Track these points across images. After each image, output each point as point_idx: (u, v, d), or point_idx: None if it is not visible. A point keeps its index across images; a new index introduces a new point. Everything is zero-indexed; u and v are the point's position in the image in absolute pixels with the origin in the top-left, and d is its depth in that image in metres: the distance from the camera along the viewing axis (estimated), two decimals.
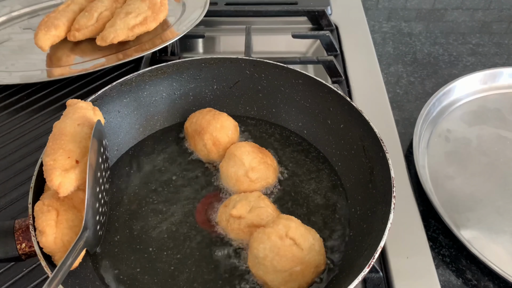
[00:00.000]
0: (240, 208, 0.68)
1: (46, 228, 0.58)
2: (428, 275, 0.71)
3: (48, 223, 0.58)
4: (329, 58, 1.04)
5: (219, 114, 0.82)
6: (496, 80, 1.04)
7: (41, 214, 0.59)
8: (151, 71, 0.84)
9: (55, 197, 0.61)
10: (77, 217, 0.62)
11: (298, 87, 0.84)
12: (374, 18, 1.32)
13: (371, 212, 0.68)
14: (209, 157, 0.81)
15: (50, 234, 0.58)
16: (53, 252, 0.59)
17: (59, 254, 0.59)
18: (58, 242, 0.59)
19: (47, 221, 0.58)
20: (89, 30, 1.08)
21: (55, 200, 0.61)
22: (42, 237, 0.58)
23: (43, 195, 0.64)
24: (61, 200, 0.62)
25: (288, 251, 0.61)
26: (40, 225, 0.58)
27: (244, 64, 0.86)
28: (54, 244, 0.58)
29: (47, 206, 0.60)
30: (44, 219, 0.59)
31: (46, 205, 0.60)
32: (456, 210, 0.81)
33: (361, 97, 1.01)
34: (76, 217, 0.62)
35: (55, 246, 0.58)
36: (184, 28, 1.08)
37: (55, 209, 0.60)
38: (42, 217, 0.59)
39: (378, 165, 0.70)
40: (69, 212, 0.61)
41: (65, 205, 0.62)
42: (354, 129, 0.77)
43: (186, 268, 0.67)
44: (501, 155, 0.91)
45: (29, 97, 1.03)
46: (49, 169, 0.60)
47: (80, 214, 0.62)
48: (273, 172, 0.77)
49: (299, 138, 0.86)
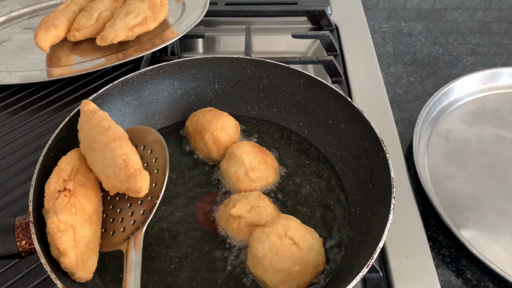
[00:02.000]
0: (240, 207, 0.68)
1: (68, 249, 0.58)
2: (428, 275, 0.71)
3: (69, 244, 0.58)
4: (329, 58, 1.04)
5: (220, 114, 0.82)
6: (496, 80, 1.04)
7: (59, 233, 0.58)
8: (153, 70, 0.84)
9: (67, 209, 0.60)
10: (90, 232, 0.61)
11: (299, 87, 0.84)
12: (374, 18, 1.32)
13: (370, 212, 0.68)
14: (209, 156, 0.81)
15: (72, 255, 0.58)
16: (74, 272, 0.59)
17: (80, 273, 0.59)
18: (79, 262, 0.59)
19: (67, 242, 0.58)
20: (89, 30, 1.08)
21: (68, 214, 0.60)
22: (65, 258, 0.58)
23: (49, 203, 0.62)
24: (74, 213, 0.60)
25: (287, 251, 0.61)
26: (61, 246, 0.58)
27: (245, 64, 0.86)
28: (76, 264, 0.58)
29: (63, 223, 0.59)
30: (64, 239, 0.58)
31: (62, 222, 0.59)
32: (456, 210, 0.82)
33: (361, 97, 1.01)
34: (90, 232, 0.61)
35: (76, 266, 0.59)
36: (184, 28, 1.08)
37: (71, 226, 0.59)
38: (62, 237, 0.58)
39: (378, 165, 0.70)
40: (83, 227, 0.60)
41: (78, 219, 0.61)
42: (354, 129, 0.77)
43: (186, 267, 0.68)
44: (501, 155, 0.91)
45: (29, 97, 1.03)
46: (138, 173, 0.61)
47: (93, 228, 0.62)
48: (273, 172, 0.77)
49: (299, 138, 0.86)
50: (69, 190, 0.62)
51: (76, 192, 0.62)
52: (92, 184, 0.65)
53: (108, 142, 0.64)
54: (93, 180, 0.66)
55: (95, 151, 0.65)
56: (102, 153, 0.64)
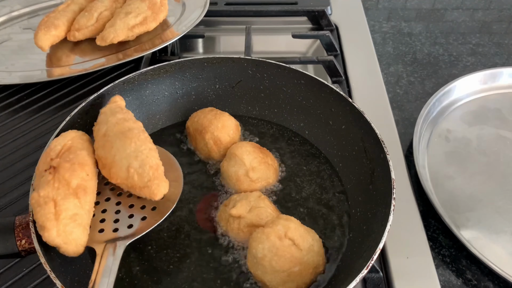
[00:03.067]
0: (240, 207, 0.68)
1: (46, 222, 0.57)
2: (428, 275, 0.71)
3: (47, 217, 0.57)
4: (329, 58, 1.04)
5: (221, 114, 0.82)
6: (496, 80, 1.05)
7: (39, 207, 0.58)
8: (154, 70, 0.84)
9: (50, 185, 0.59)
10: (75, 204, 0.60)
11: (300, 88, 0.84)
12: (374, 18, 1.32)
13: (371, 213, 0.68)
14: (210, 156, 0.81)
15: (51, 228, 0.57)
16: (58, 245, 0.58)
17: (64, 246, 0.58)
18: (61, 234, 0.57)
19: (46, 215, 0.57)
20: (89, 30, 1.08)
21: (50, 188, 0.59)
22: (44, 232, 0.57)
23: (36, 182, 0.62)
24: (56, 188, 0.59)
25: (287, 252, 0.61)
26: (39, 219, 0.57)
27: (246, 64, 0.86)
28: (58, 237, 0.57)
29: (43, 197, 0.58)
30: (43, 213, 0.57)
31: (42, 197, 0.58)
32: (456, 210, 0.82)
33: (361, 97, 1.01)
34: (75, 205, 0.60)
35: (59, 239, 0.57)
36: (184, 28, 1.08)
37: (52, 199, 0.58)
38: (40, 211, 0.57)
39: (378, 166, 0.70)
40: (66, 200, 0.59)
41: (61, 193, 0.59)
42: (355, 130, 0.77)
43: (185, 267, 0.68)
44: (501, 155, 0.92)
45: (29, 97, 1.03)
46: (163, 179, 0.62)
47: (78, 201, 0.60)
48: (273, 172, 0.77)
49: (300, 138, 0.86)
50: (53, 167, 0.61)
51: (60, 167, 0.61)
52: (80, 160, 0.64)
53: (139, 135, 0.65)
54: (83, 157, 0.65)
55: (119, 139, 0.65)
56: (131, 143, 0.64)
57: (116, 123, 0.68)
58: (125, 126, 0.67)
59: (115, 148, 0.65)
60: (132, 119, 0.70)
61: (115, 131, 0.67)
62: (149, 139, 0.67)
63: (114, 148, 0.65)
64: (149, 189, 0.61)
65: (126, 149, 0.64)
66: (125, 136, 0.65)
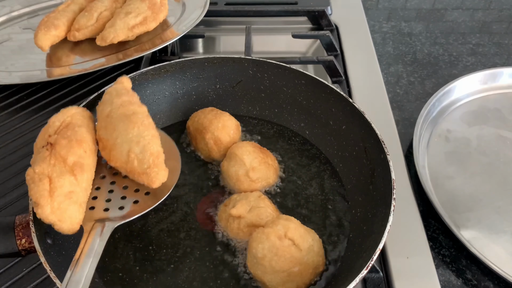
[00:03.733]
0: (240, 207, 0.68)
1: (40, 199, 0.56)
2: (428, 275, 0.71)
3: (41, 193, 0.56)
4: (329, 58, 1.04)
5: (221, 114, 0.82)
6: (496, 80, 1.05)
7: (33, 184, 0.57)
8: (154, 70, 0.84)
9: (46, 162, 0.58)
10: (70, 182, 0.59)
11: (300, 88, 0.84)
12: (374, 18, 1.32)
13: (371, 213, 0.68)
14: (210, 156, 0.81)
15: (45, 205, 0.56)
16: (52, 222, 0.57)
17: (59, 224, 0.57)
18: (56, 211, 0.57)
19: (40, 192, 0.56)
20: (89, 30, 1.08)
21: (46, 165, 0.58)
22: (38, 208, 0.56)
23: (33, 159, 0.61)
24: (52, 164, 0.58)
25: (287, 252, 0.61)
26: (34, 196, 0.56)
27: (247, 64, 0.86)
28: (52, 214, 0.56)
29: (38, 174, 0.57)
30: (37, 190, 0.56)
31: (37, 174, 0.57)
32: (456, 210, 0.82)
33: (361, 97, 1.01)
34: (71, 183, 0.59)
35: (53, 216, 0.56)
36: (184, 28, 1.08)
37: (47, 176, 0.57)
38: (34, 187, 0.56)
39: (379, 167, 0.70)
40: (62, 177, 0.58)
41: (56, 170, 0.58)
42: (355, 130, 0.77)
43: (186, 266, 0.68)
44: (501, 155, 0.92)
45: (29, 97, 1.03)
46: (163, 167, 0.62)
47: (74, 178, 0.60)
48: (273, 172, 0.77)
49: (300, 138, 0.86)
50: (50, 144, 0.60)
51: (57, 144, 0.61)
52: (78, 137, 0.63)
53: (143, 120, 0.65)
54: (81, 134, 0.64)
55: (122, 122, 0.64)
56: (134, 127, 0.63)
57: (120, 105, 0.67)
58: (129, 109, 0.66)
59: (117, 131, 0.64)
60: (137, 102, 0.69)
61: (119, 113, 0.66)
62: (153, 125, 0.66)
63: (116, 130, 0.64)
64: (148, 176, 0.61)
65: (128, 133, 0.63)
66: (129, 120, 0.64)
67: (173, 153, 0.71)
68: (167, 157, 0.64)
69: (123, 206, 0.63)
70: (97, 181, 0.66)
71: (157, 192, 0.64)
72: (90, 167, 0.64)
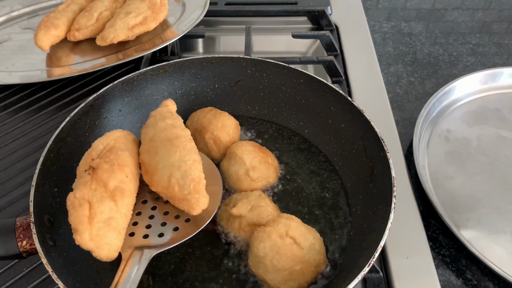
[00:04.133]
0: (241, 207, 0.68)
1: (78, 225, 0.55)
2: (428, 275, 0.71)
3: (80, 219, 0.55)
4: (329, 58, 1.04)
5: (220, 113, 0.82)
6: (496, 80, 1.05)
7: (73, 209, 0.56)
8: (153, 70, 0.84)
9: (87, 186, 0.58)
10: (111, 208, 0.58)
11: (299, 87, 0.84)
12: (374, 18, 1.32)
13: (371, 211, 0.68)
14: (210, 156, 0.81)
15: (84, 231, 0.55)
16: (91, 249, 0.56)
17: (97, 251, 0.56)
18: (94, 238, 0.55)
19: (79, 218, 0.55)
20: (89, 30, 1.08)
21: (87, 190, 0.57)
22: (77, 235, 0.55)
23: (75, 183, 0.60)
24: (93, 189, 0.57)
25: (288, 250, 0.61)
26: (73, 222, 0.55)
27: (245, 64, 0.86)
28: (91, 241, 0.55)
29: (78, 199, 0.56)
30: (76, 215, 0.55)
31: (77, 198, 0.56)
32: (456, 210, 0.82)
33: (361, 97, 1.01)
34: (110, 209, 0.58)
35: (91, 243, 0.55)
36: (184, 28, 1.08)
37: (87, 201, 0.56)
38: (74, 213, 0.55)
39: (379, 165, 0.70)
40: (102, 203, 0.57)
41: (97, 195, 0.57)
42: (355, 128, 0.77)
43: (187, 266, 0.67)
44: (501, 155, 0.92)
45: (29, 97, 1.03)
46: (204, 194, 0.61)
47: (114, 204, 0.59)
48: (273, 171, 0.77)
49: (300, 137, 0.86)
50: (93, 168, 0.59)
51: (99, 168, 0.60)
52: (120, 161, 0.62)
53: (185, 144, 0.64)
54: (124, 158, 0.63)
55: (165, 146, 0.63)
56: (177, 152, 0.62)
57: (164, 129, 0.66)
58: (172, 133, 0.65)
59: (160, 155, 0.63)
60: (181, 126, 0.68)
61: (162, 137, 0.65)
62: (195, 150, 0.65)
63: (158, 155, 0.63)
64: (188, 203, 0.60)
65: (170, 158, 0.62)
66: (171, 144, 0.63)
67: (215, 178, 0.70)
68: (208, 182, 0.63)
69: (163, 233, 0.62)
70: (138, 205, 0.65)
71: (197, 219, 0.64)
72: (131, 192, 0.63)
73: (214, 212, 0.65)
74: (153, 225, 0.63)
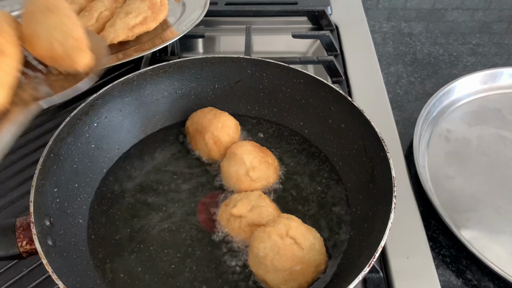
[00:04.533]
0: (241, 207, 0.68)
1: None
2: (428, 275, 0.71)
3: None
4: (329, 58, 1.04)
5: (220, 113, 0.82)
6: (496, 80, 1.05)
7: None
8: (153, 70, 0.84)
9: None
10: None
11: (299, 87, 0.84)
12: (374, 18, 1.32)
13: (371, 211, 0.68)
14: (210, 156, 0.81)
15: None
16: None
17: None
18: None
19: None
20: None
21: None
22: None
23: None
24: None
25: (289, 250, 0.61)
26: None
27: (245, 64, 0.86)
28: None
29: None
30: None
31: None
32: (456, 210, 0.82)
33: (361, 97, 1.01)
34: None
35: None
36: (184, 28, 1.08)
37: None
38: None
39: (379, 165, 0.70)
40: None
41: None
42: (355, 128, 0.77)
43: (187, 267, 0.67)
44: (501, 155, 0.92)
45: None
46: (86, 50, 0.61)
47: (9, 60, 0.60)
48: (274, 172, 0.77)
49: (300, 137, 0.86)
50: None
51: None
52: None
53: (65, 11, 0.65)
54: (1, 27, 0.64)
55: (43, 13, 0.64)
56: (56, 17, 0.63)
57: (44, 2, 0.67)
58: (51, 4, 0.66)
59: (39, 22, 0.64)
60: (61, 0, 0.69)
61: (41, 7, 0.66)
62: (75, 17, 0.66)
63: (38, 21, 0.64)
64: (71, 59, 0.60)
65: (50, 23, 0.63)
66: (50, 11, 0.64)
67: (99, 47, 0.70)
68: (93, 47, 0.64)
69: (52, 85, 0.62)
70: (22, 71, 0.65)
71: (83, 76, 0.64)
72: (13, 55, 0.63)
73: (100, 67, 0.65)
74: (40, 82, 0.63)
